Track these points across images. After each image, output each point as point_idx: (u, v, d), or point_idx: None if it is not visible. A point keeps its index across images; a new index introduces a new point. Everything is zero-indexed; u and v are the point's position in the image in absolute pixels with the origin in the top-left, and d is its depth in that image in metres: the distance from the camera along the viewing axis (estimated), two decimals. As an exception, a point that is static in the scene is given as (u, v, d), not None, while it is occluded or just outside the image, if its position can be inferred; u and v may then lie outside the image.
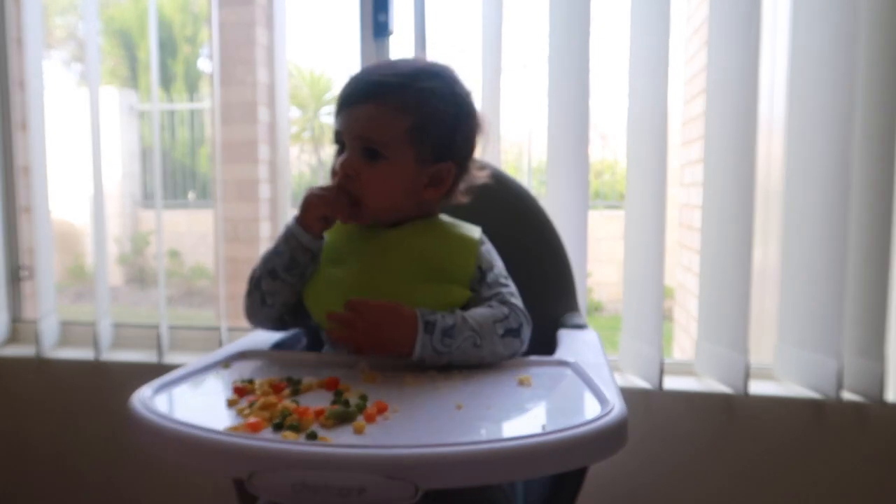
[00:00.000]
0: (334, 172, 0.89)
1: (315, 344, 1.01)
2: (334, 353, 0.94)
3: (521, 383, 0.77)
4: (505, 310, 0.85)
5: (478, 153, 0.96)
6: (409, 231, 0.90)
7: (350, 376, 0.78)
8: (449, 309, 0.83)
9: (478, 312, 0.83)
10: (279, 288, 0.89)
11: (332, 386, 0.74)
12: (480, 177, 0.95)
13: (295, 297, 0.91)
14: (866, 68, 1.20)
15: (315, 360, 0.86)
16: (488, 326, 0.82)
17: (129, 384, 0.73)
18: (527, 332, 0.87)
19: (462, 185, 0.93)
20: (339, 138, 0.89)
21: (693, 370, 1.38)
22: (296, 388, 0.73)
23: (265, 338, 0.96)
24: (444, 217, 0.95)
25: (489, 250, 0.93)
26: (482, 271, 0.89)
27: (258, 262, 0.92)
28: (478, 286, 0.88)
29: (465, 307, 0.86)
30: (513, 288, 0.91)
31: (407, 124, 0.85)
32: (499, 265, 0.92)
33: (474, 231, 0.93)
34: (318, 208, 0.87)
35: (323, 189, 0.88)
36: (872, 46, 1.20)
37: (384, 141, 0.85)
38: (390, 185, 0.87)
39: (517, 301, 0.89)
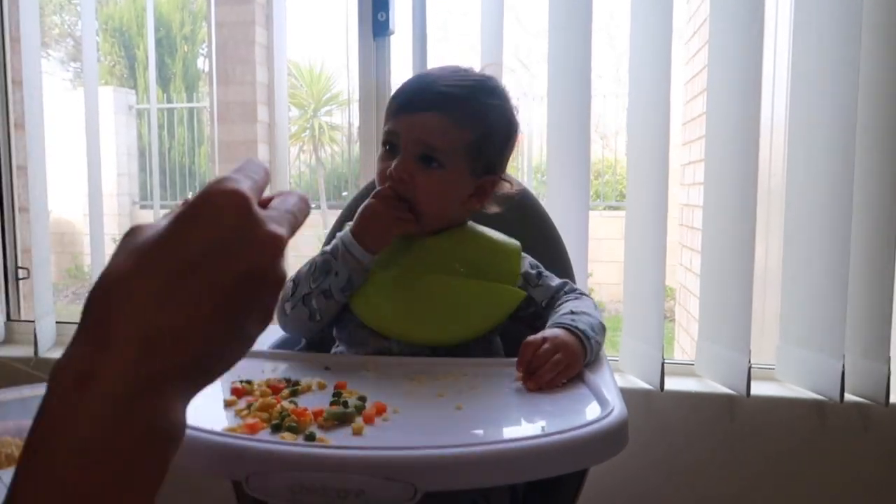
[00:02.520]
0: (382, 174, 0.89)
1: (317, 344, 1.00)
2: (340, 353, 0.93)
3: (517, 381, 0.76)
4: (591, 304, 0.90)
5: None
6: (449, 237, 0.92)
7: (352, 376, 0.77)
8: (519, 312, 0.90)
9: (584, 322, 0.84)
10: (332, 307, 0.89)
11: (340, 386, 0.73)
12: (508, 188, 0.97)
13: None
14: (868, 67, 1.20)
15: (314, 360, 0.86)
16: (598, 317, 0.87)
17: (125, 385, 0.72)
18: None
19: (495, 197, 0.96)
20: (392, 140, 0.89)
21: (694, 371, 1.38)
22: (294, 389, 0.72)
23: (264, 338, 0.96)
24: (476, 225, 0.96)
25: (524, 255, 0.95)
26: (532, 270, 0.93)
27: (304, 275, 0.90)
28: (533, 284, 0.92)
29: (525, 309, 0.90)
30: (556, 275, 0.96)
31: (469, 138, 0.87)
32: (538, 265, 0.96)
33: (514, 241, 0.95)
34: (383, 226, 0.86)
35: (384, 201, 0.86)
36: (874, 46, 1.20)
37: (445, 150, 0.86)
38: (444, 194, 0.89)
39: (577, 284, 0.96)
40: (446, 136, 0.86)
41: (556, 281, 0.94)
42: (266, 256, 0.36)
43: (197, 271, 0.34)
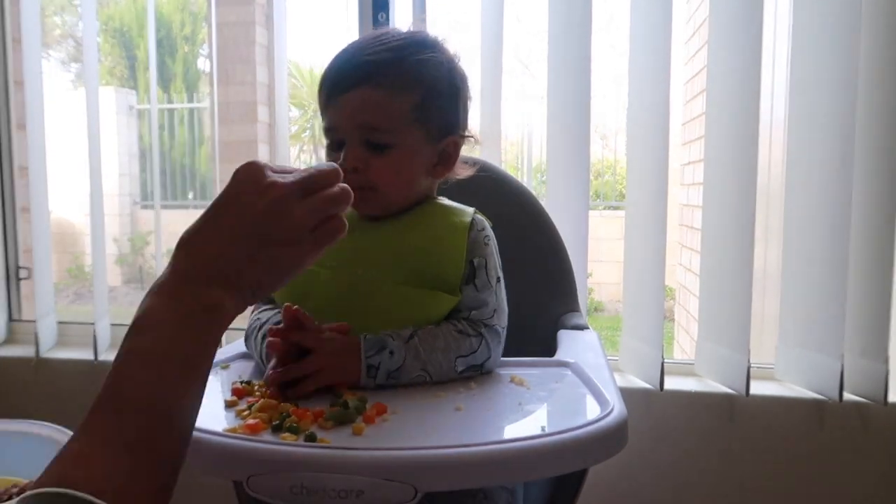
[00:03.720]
0: None
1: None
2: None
3: (513, 381, 0.76)
4: (475, 343, 0.77)
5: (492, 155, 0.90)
6: (404, 225, 0.82)
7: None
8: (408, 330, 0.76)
9: (441, 341, 0.75)
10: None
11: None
12: (469, 143, 0.88)
13: None
14: (867, 68, 1.20)
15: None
16: (446, 363, 0.75)
17: (126, 385, 0.72)
18: (492, 363, 0.79)
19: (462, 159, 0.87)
20: (333, 136, 0.80)
21: (694, 371, 1.38)
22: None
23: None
24: (443, 200, 0.87)
25: (486, 238, 0.83)
26: (473, 267, 0.80)
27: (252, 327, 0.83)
28: (465, 286, 0.79)
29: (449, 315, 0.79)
30: (498, 298, 0.81)
31: (410, 103, 0.78)
32: (495, 260, 0.83)
33: (466, 215, 0.82)
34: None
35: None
36: (873, 46, 1.20)
37: (389, 127, 0.78)
38: (405, 174, 0.80)
39: (496, 320, 0.80)
40: (385, 109, 0.77)
41: (479, 302, 0.79)
42: (267, 198, 0.53)
43: (224, 214, 0.54)
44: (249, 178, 0.55)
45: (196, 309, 0.51)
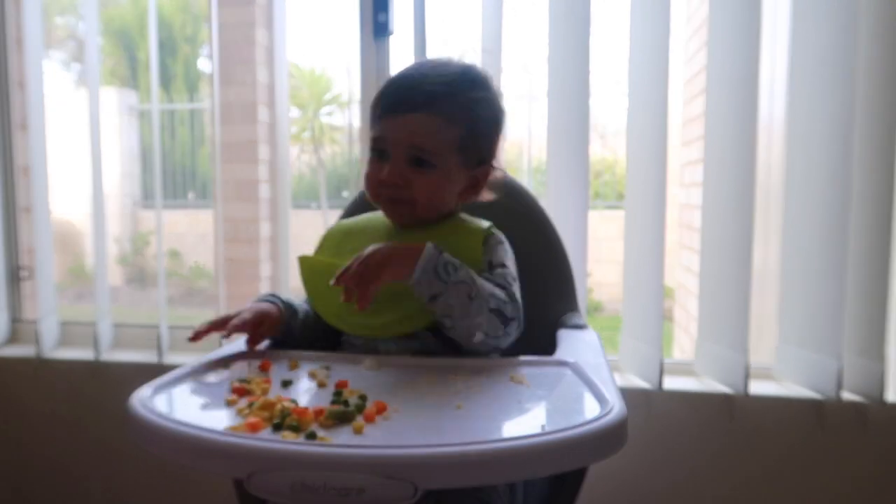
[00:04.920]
0: (372, 180, 0.90)
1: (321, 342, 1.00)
2: (344, 352, 0.94)
3: (513, 380, 0.77)
4: (505, 296, 0.85)
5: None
6: (430, 235, 0.89)
7: (351, 372, 0.78)
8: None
9: (482, 279, 0.84)
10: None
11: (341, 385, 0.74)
12: (499, 175, 0.97)
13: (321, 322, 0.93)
14: (866, 68, 1.20)
15: (315, 358, 0.86)
16: (486, 293, 0.82)
17: (128, 384, 0.73)
18: (513, 330, 0.86)
19: (488, 185, 0.96)
20: (381, 145, 0.89)
21: (693, 370, 1.38)
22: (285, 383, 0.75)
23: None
24: (463, 215, 0.96)
25: (503, 249, 0.93)
26: (491, 265, 0.89)
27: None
28: (484, 272, 0.88)
29: None
30: (518, 290, 0.90)
31: (458, 134, 0.87)
32: (511, 265, 0.92)
33: (483, 223, 0.94)
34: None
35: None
36: (873, 46, 1.20)
37: (436, 151, 0.87)
38: (441, 192, 0.89)
39: (519, 302, 0.88)
40: (436, 136, 0.86)
41: (500, 280, 0.88)
42: None
43: None
44: None
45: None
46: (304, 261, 0.93)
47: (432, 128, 0.86)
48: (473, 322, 0.81)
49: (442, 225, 0.93)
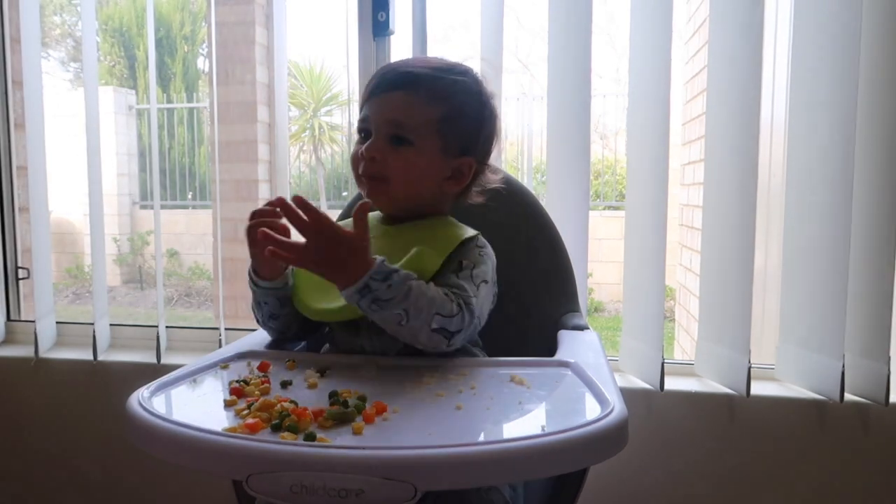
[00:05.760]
0: (355, 159, 0.91)
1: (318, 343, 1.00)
2: (334, 353, 0.93)
3: (513, 380, 0.76)
4: (454, 309, 0.80)
5: (493, 157, 0.98)
6: (412, 229, 0.91)
7: (351, 376, 0.77)
8: (412, 274, 0.80)
9: (430, 293, 0.79)
10: (285, 318, 0.93)
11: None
12: (494, 180, 0.98)
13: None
14: (868, 67, 1.20)
15: (312, 361, 0.86)
16: (427, 313, 0.78)
17: (127, 385, 0.72)
18: (459, 339, 0.82)
19: (477, 186, 0.97)
20: (365, 126, 0.91)
21: (694, 371, 1.38)
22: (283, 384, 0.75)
23: (264, 338, 0.96)
24: (452, 219, 0.95)
25: (482, 252, 0.90)
26: (461, 265, 0.86)
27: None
28: (448, 275, 0.85)
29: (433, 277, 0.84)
30: (483, 295, 0.86)
31: (437, 114, 0.88)
32: (485, 269, 0.88)
33: (467, 231, 0.91)
34: (261, 255, 0.80)
35: (256, 231, 0.79)
36: (874, 46, 1.20)
37: (413, 127, 0.87)
38: (416, 171, 0.89)
39: (476, 308, 0.83)
40: (414, 112, 0.87)
41: (464, 282, 0.84)
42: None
43: None
44: None
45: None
46: None
47: (410, 104, 0.88)
48: (412, 338, 0.80)
49: (427, 221, 0.93)
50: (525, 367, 0.82)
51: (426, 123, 0.88)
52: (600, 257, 4.32)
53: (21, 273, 1.70)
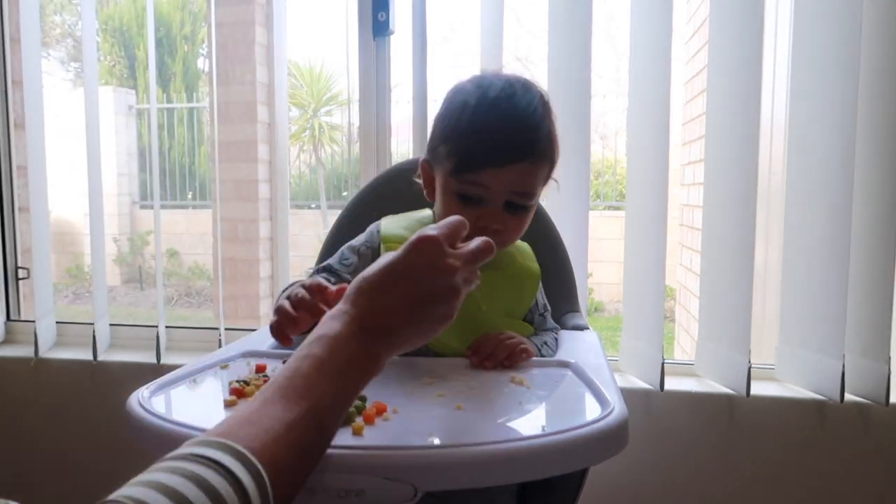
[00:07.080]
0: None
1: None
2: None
3: (513, 381, 0.76)
4: (555, 344, 0.95)
5: None
6: (493, 264, 0.85)
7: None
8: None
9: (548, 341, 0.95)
10: None
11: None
12: None
13: None
14: (868, 68, 1.20)
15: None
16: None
17: (126, 385, 0.72)
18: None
19: None
20: (479, 193, 0.85)
21: (694, 371, 1.38)
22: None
23: (264, 338, 0.96)
24: (520, 246, 1.00)
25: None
26: (537, 304, 0.99)
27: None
28: (533, 317, 0.98)
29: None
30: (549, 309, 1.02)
31: (548, 169, 0.90)
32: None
33: (534, 262, 0.99)
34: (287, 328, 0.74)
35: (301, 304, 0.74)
36: (874, 45, 1.20)
37: (535, 193, 0.89)
38: (525, 227, 0.91)
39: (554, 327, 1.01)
40: (537, 180, 0.88)
41: (550, 324, 1.00)
42: (442, 281, 0.60)
43: (401, 282, 0.60)
44: (431, 258, 0.60)
45: (362, 355, 0.59)
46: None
47: (534, 175, 0.87)
48: None
49: (501, 254, 0.87)
50: (525, 367, 0.82)
51: (542, 184, 0.90)
52: (600, 257, 4.32)
53: (21, 273, 1.70)
